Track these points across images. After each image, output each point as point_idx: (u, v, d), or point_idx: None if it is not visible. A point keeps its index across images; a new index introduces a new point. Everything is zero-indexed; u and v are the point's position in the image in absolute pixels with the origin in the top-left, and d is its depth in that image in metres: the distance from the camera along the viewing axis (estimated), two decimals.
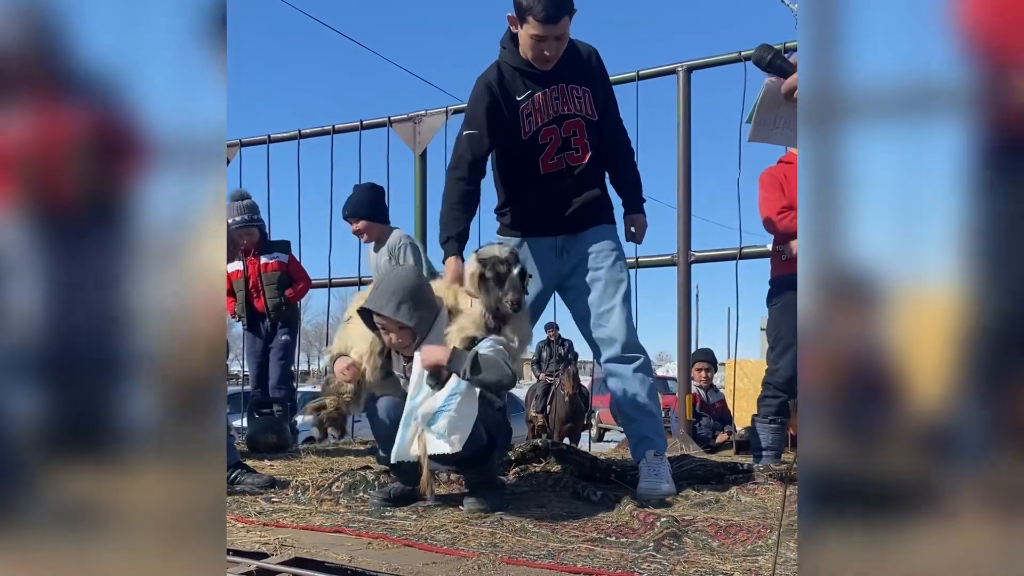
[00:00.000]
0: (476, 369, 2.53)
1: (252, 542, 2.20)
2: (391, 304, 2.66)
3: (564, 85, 3.07)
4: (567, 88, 3.07)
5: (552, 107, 3.05)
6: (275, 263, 5.02)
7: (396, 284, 2.70)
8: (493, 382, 2.58)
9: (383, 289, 2.70)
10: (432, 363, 2.61)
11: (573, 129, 3.08)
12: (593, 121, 3.11)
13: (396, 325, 2.68)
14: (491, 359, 2.57)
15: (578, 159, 3.10)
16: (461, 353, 2.59)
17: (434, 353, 2.62)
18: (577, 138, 3.09)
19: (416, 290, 2.70)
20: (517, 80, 3.06)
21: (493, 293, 2.73)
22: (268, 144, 5.99)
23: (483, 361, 2.55)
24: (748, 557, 2.02)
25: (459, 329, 2.73)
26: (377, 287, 2.74)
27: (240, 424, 5.56)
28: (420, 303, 2.69)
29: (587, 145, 3.10)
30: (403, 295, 2.66)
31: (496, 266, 2.73)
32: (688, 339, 4.91)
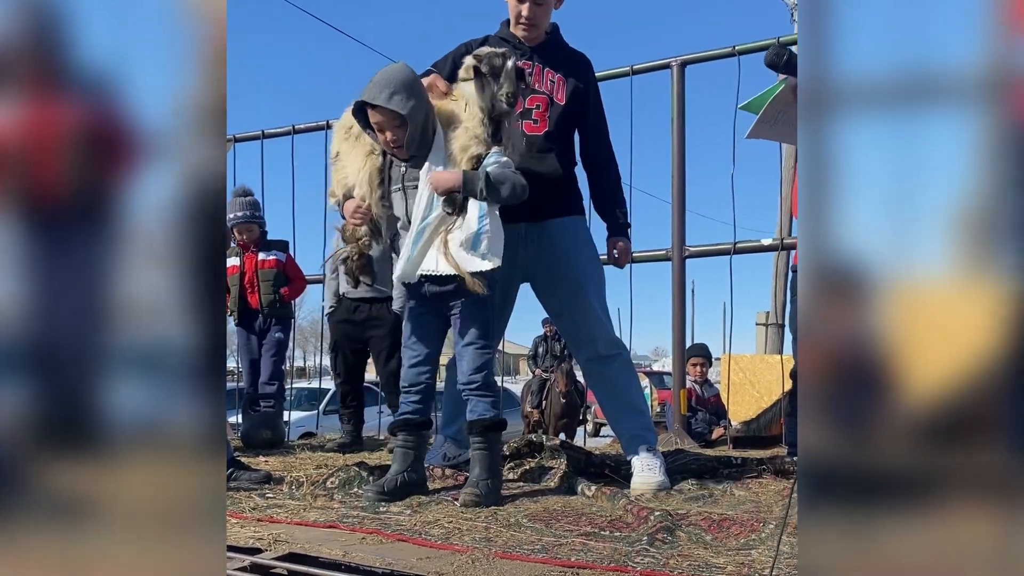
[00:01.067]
0: (492, 188, 2.67)
1: (246, 537, 2.20)
2: (384, 94, 2.70)
3: (540, 65, 3.12)
4: (543, 68, 3.13)
5: None
6: (272, 260, 5.02)
7: (388, 75, 2.76)
8: (509, 196, 2.72)
9: (375, 82, 2.75)
10: (446, 189, 2.71)
11: (536, 103, 3.11)
12: (559, 104, 3.12)
13: (390, 117, 2.72)
14: (502, 174, 2.71)
15: (534, 129, 3.10)
16: (473, 175, 2.70)
17: (446, 179, 2.72)
18: (539, 112, 3.11)
19: (408, 81, 2.75)
20: (498, 47, 3.07)
21: (488, 88, 2.76)
22: (262, 139, 5.97)
23: (495, 178, 2.68)
24: (741, 551, 2.03)
25: (461, 148, 2.77)
26: (370, 81, 2.78)
27: (235, 421, 5.56)
28: (412, 93, 2.73)
29: (547, 121, 3.11)
30: (395, 86, 2.71)
31: (492, 59, 2.76)
32: (683, 334, 4.90)
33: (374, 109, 2.75)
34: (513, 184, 2.72)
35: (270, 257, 5.03)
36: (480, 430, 2.79)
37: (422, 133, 2.79)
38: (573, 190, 3.23)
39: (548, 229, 3.11)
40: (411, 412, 2.90)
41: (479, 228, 2.70)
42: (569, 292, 3.08)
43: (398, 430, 2.92)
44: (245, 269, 4.99)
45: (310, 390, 12.44)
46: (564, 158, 3.20)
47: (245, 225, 4.96)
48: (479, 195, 2.68)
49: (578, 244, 3.13)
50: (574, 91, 3.14)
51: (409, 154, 2.82)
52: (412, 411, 2.90)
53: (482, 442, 2.79)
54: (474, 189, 2.69)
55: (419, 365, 2.92)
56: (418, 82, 2.81)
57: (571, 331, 3.15)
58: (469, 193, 2.70)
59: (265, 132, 5.97)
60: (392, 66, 2.82)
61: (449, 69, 3.08)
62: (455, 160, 2.77)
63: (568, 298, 3.09)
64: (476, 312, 2.82)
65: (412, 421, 2.89)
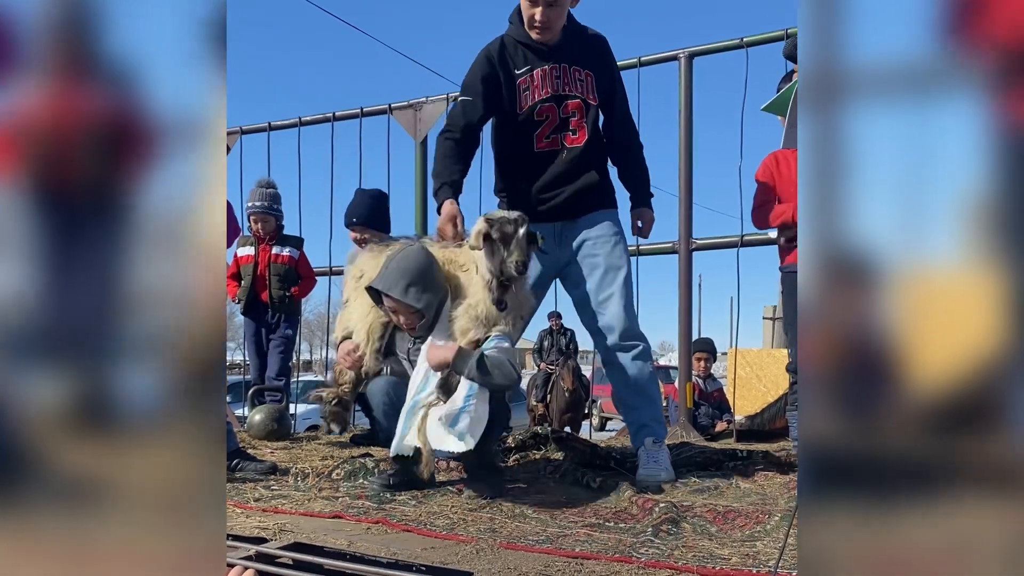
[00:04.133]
0: (483, 371, 2.55)
1: (251, 527, 2.21)
2: (399, 286, 2.66)
3: (567, 65, 3.06)
4: (569, 68, 3.06)
5: (551, 84, 3.04)
6: (286, 256, 5.04)
7: (406, 265, 2.69)
8: (498, 384, 2.60)
9: (393, 269, 2.70)
10: (439, 363, 2.63)
11: (572, 110, 3.06)
12: (593, 106, 3.09)
13: (404, 307, 2.68)
14: (496, 360, 2.59)
15: (575, 140, 3.08)
16: (467, 353, 2.60)
17: (440, 353, 2.63)
18: (576, 120, 3.07)
19: (426, 271, 2.70)
20: (518, 54, 3.05)
21: (498, 254, 2.68)
22: (269, 131, 5.97)
23: (489, 363, 2.57)
24: (746, 542, 2.03)
25: (462, 332, 2.71)
26: (387, 266, 2.73)
27: (241, 412, 5.58)
28: (429, 285, 2.69)
29: (585, 128, 3.08)
30: (412, 276, 2.67)
31: (503, 226, 2.68)
32: (689, 328, 4.89)
33: (389, 297, 2.71)
34: (506, 374, 2.59)
35: (284, 252, 5.05)
36: None
37: (433, 317, 2.75)
38: (606, 185, 3.22)
39: (580, 224, 3.13)
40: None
41: (463, 407, 2.58)
42: (595, 283, 3.09)
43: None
44: (258, 261, 5.01)
45: (316, 383, 12.47)
46: (600, 159, 3.20)
47: (262, 215, 4.99)
48: (467, 375, 2.58)
49: (607, 237, 3.12)
50: (603, 85, 3.12)
51: (417, 335, 2.79)
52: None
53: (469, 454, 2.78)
54: (463, 368, 2.58)
55: None
56: (434, 269, 2.75)
57: (594, 321, 3.14)
58: (457, 371, 2.60)
59: (272, 124, 5.97)
60: (410, 253, 2.76)
61: (482, 90, 3.04)
62: (455, 339, 2.71)
63: (594, 289, 3.09)
64: None
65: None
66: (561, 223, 3.13)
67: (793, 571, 1.73)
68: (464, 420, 2.57)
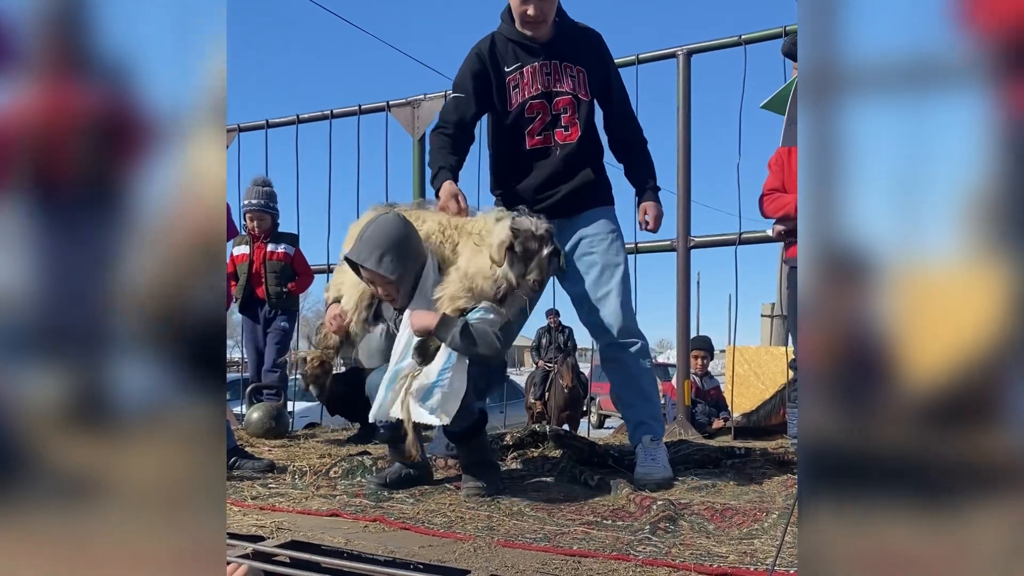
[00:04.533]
0: (465, 338, 2.52)
1: (249, 525, 2.21)
2: (373, 256, 2.62)
3: (558, 62, 3.05)
4: (560, 65, 3.06)
5: (541, 81, 3.04)
6: (281, 253, 5.04)
7: (380, 234, 2.64)
8: (480, 354, 2.56)
9: (366, 239, 2.65)
10: (422, 328, 2.60)
11: (563, 106, 3.06)
12: (585, 101, 3.08)
13: (380, 277, 2.65)
14: (480, 330, 2.56)
15: (567, 137, 3.07)
16: (449, 320, 2.57)
17: (423, 319, 2.61)
18: (567, 116, 3.06)
19: (400, 241, 2.65)
20: (509, 51, 3.05)
21: (517, 268, 2.63)
22: (266, 129, 5.96)
23: (473, 331, 2.54)
24: (744, 540, 2.02)
25: (450, 298, 2.67)
26: (361, 236, 2.68)
27: (239, 410, 5.57)
28: (404, 254, 2.64)
29: (578, 124, 3.07)
30: (386, 246, 2.62)
31: (527, 241, 2.62)
32: (687, 325, 4.89)
33: (364, 268, 2.68)
34: (489, 345, 2.55)
35: (279, 249, 5.05)
36: (456, 440, 2.79)
37: (413, 286, 2.71)
38: (602, 182, 3.21)
39: (576, 222, 3.12)
40: None
41: (436, 381, 2.54)
42: (592, 280, 3.08)
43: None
44: (254, 259, 5.01)
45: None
46: (595, 156, 3.18)
47: (258, 213, 5.00)
48: (449, 341, 2.54)
49: (604, 233, 3.11)
50: (596, 80, 3.11)
51: (399, 305, 2.76)
52: None
53: (464, 450, 2.78)
54: (445, 335, 2.55)
55: None
56: (410, 238, 2.69)
57: (593, 318, 3.14)
58: (440, 338, 2.56)
59: (269, 121, 5.96)
60: (383, 221, 2.69)
61: (472, 87, 3.04)
62: (441, 304, 2.66)
63: (591, 286, 3.08)
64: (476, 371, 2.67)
65: None
66: (557, 220, 3.10)
67: (791, 569, 1.73)
68: (436, 395, 2.54)
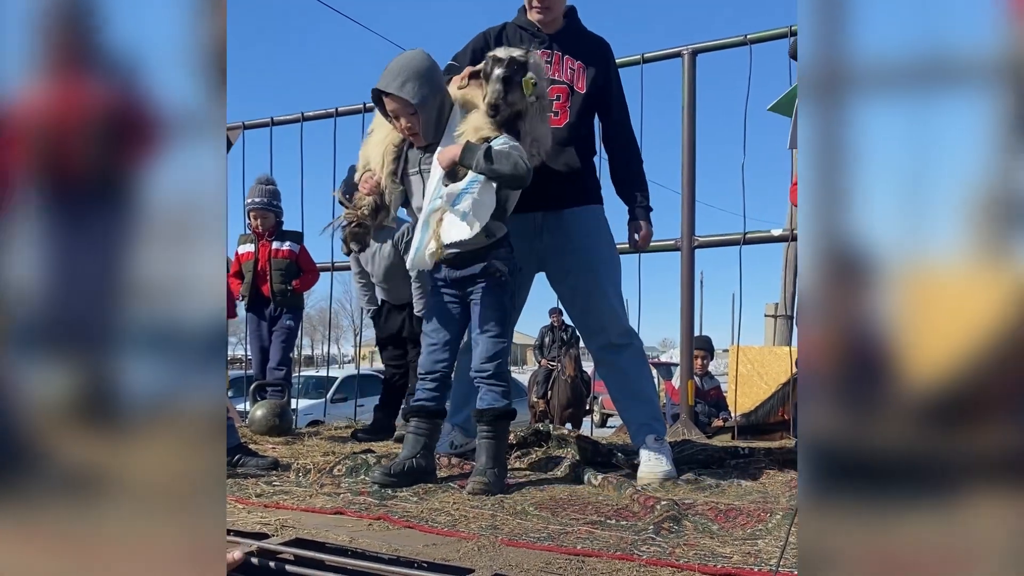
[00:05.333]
0: (489, 159, 2.64)
1: (253, 523, 2.21)
2: (396, 82, 2.73)
3: (560, 53, 3.10)
4: (562, 56, 3.11)
5: None
6: (286, 251, 5.06)
7: (403, 63, 2.78)
8: (507, 173, 2.67)
9: (390, 69, 2.78)
10: (448, 159, 2.72)
11: (556, 94, 3.09)
12: (580, 94, 3.10)
13: (404, 105, 2.75)
14: (504, 152, 2.68)
15: (556, 121, 3.08)
16: (473, 145, 2.69)
17: (449, 150, 2.74)
18: (559, 103, 3.08)
19: (422, 70, 2.76)
20: (515, 37, 3.12)
21: (484, 90, 2.79)
22: (271, 127, 5.97)
23: (496, 154, 2.66)
24: (748, 540, 2.02)
25: (474, 129, 2.77)
26: (386, 68, 2.80)
27: (243, 408, 5.58)
28: (426, 81, 2.75)
29: (567, 113, 3.10)
30: (408, 73, 2.73)
31: (487, 64, 2.79)
32: (691, 325, 4.88)
33: (388, 97, 2.77)
34: (515, 162, 2.66)
35: (284, 247, 5.07)
36: (489, 419, 2.79)
37: (437, 121, 2.80)
38: (591, 179, 3.20)
39: (564, 218, 3.10)
40: (427, 399, 2.90)
41: (466, 187, 2.67)
42: (582, 280, 3.06)
43: (412, 416, 2.92)
44: (259, 257, 5.02)
45: (318, 378, 12.51)
46: (584, 148, 3.18)
47: (261, 212, 5.02)
48: (475, 166, 2.65)
49: (593, 232, 3.10)
50: (594, 79, 3.12)
51: (426, 141, 2.84)
52: (428, 398, 2.90)
53: (490, 431, 2.78)
54: (471, 160, 2.66)
55: (436, 352, 2.91)
56: (434, 70, 2.81)
57: (583, 319, 3.13)
58: (466, 164, 2.68)
59: (274, 119, 5.97)
60: (408, 53, 2.83)
61: (469, 59, 3.10)
62: (464, 136, 2.76)
63: (581, 286, 3.07)
64: (494, 300, 2.81)
65: (427, 408, 2.89)
66: (542, 213, 3.10)
67: (795, 570, 1.73)
68: (467, 200, 2.66)
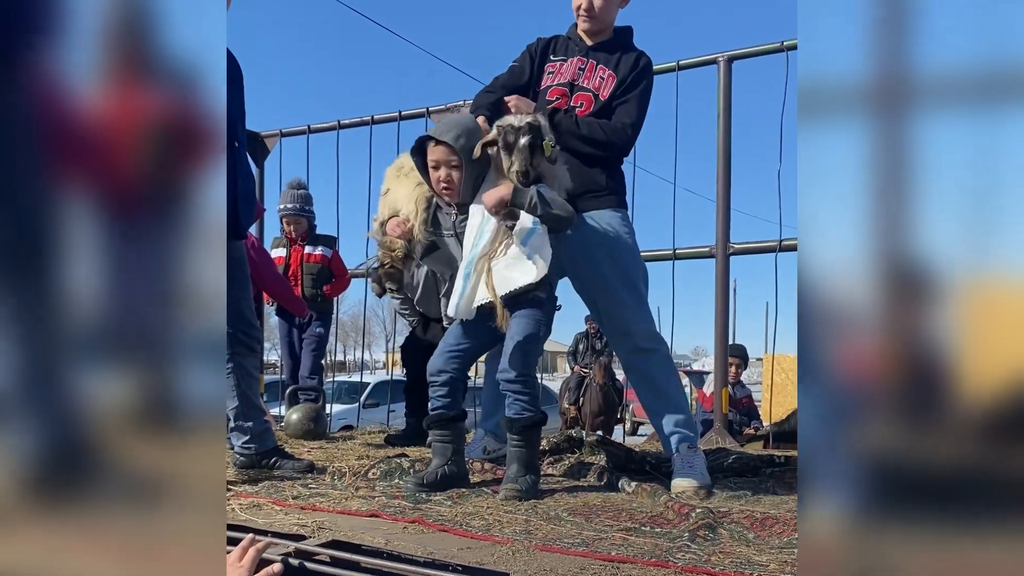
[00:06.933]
0: (544, 202, 2.70)
1: (290, 524, 2.24)
2: (451, 133, 2.82)
3: (595, 62, 3.13)
4: (596, 65, 3.13)
5: (572, 73, 3.14)
6: (319, 255, 5.10)
7: (458, 119, 2.94)
8: (558, 216, 2.74)
9: (444, 122, 2.93)
10: (496, 201, 2.75)
11: (580, 101, 3.11)
12: (604, 102, 3.10)
13: (450, 155, 2.82)
14: (551, 195, 2.75)
15: None
16: (523, 189, 2.74)
17: (496, 192, 2.77)
18: (581, 110, 3.10)
19: (472, 128, 2.88)
20: (562, 45, 3.21)
21: (506, 162, 2.81)
22: (308, 134, 6.04)
23: (546, 195, 2.73)
24: (784, 549, 2.01)
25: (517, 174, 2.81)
26: (439, 122, 2.98)
27: (278, 411, 5.64)
28: (473, 139, 2.84)
29: None
30: (462, 130, 2.84)
31: (507, 135, 2.80)
32: (725, 333, 4.84)
33: (437, 145, 2.84)
34: (563, 205, 2.74)
35: (316, 252, 5.11)
36: (518, 429, 2.80)
37: (473, 182, 2.86)
38: (612, 185, 3.19)
39: (585, 223, 3.08)
40: (441, 407, 2.90)
41: (533, 225, 2.71)
42: (605, 286, 3.05)
43: (431, 426, 2.93)
44: (291, 261, 5.08)
45: (350, 383, 12.59)
46: None
47: (294, 217, 5.07)
48: (528, 205, 2.69)
49: (614, 237, 3.07)
50: (621, 87, 3.10)
51: (458, 199, 2.89)
52: (441, 405, 2.90)
53: (520, 440, 2.79)
54: (523, 201, 2.70)
55: (446, 353, 2.93)
56: (478, 132, 2.89)
57: (609, 325, 3.12)
58: (517, 204, 2.71)
59: (311, 127, 6.04)
60: (459, 114, 2.96)
61: (525, 61, 3.20)
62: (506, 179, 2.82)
63: (604, 292, 3.06)
64: (530, 310, 2.82)
65: (444, 416, 2.89)
66: None
67: None
68: (535, 239, 2.71)
